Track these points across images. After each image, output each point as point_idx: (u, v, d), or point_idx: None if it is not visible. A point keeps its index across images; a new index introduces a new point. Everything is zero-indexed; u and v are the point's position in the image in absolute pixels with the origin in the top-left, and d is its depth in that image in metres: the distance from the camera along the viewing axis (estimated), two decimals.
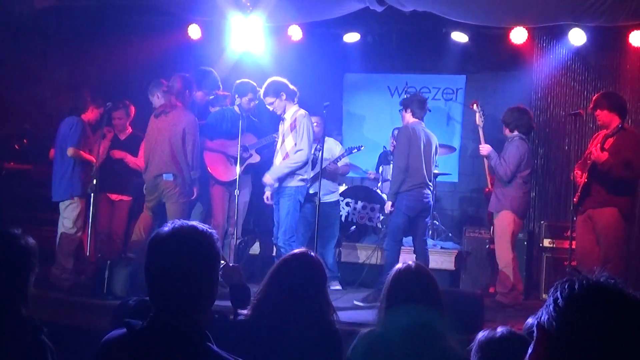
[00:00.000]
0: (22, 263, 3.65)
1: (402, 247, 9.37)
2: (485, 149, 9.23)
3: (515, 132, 9.04)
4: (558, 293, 1.99)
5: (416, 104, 9.32)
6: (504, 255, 8.95)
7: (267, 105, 9.11)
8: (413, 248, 9.34)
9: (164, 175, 9.05)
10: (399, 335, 4.00)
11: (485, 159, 9.37)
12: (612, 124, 8.34)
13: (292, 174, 8.92)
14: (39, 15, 10.65)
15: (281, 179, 8.97)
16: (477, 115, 9.58)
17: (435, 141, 9.41)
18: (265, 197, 9.15)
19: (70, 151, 9.15)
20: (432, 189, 9.43)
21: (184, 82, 9.30)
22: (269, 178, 8.97)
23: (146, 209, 9.30)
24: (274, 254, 9.42)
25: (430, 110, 10.93)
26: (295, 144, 8.91)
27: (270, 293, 4.17)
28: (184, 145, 9.03)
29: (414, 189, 9.02)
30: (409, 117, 9.28)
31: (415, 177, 9.04)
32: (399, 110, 9.45)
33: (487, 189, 9.53)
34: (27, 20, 10.72)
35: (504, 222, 8.96)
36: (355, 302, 8.97)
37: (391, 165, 9.92)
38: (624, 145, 8.18)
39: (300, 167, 8.95)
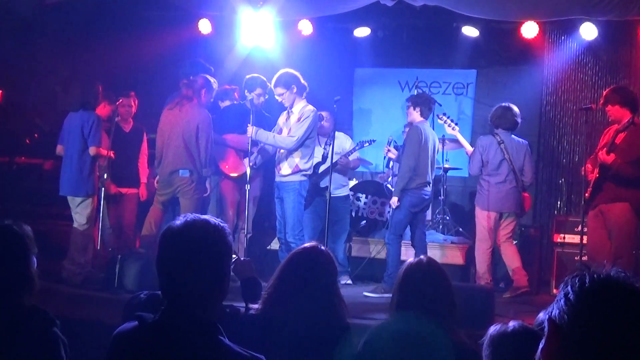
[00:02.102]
0: (18, 249, 3.65)
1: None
2: (469, 152, 9.64)
3: (499, 129, 9.36)
4: (569, 287, 1.96)
5: (425, 103, 9.50)
6: (476, 245, 9.49)
7: (276, 96, 9.07)
8: (410, 241, 9.49)
9: (180, 171, 9.00)
10: (410, 329, 3.99)
11: None
12: (623, 118, 8.31)
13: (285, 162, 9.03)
14: (48, 10, 10.66)
15: (263, 150, 9.47)
16: (446, 126, 9.86)
17: (437, 140, 9.67)
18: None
19: (93, 150, 9.04)
20: (431, 186, 9.63)
21: (205, 82, 9.28)
22: (252, 130, 8.99)
23: (157, 203, 9.23)
24: (277, 247, 9.46)
25: (440, 105, 10.99)
26: (300, 139, 8.95)
27: (281, 287, 4.15)
28: (197, 141, 9.01)
29: (420, 187, 9.28)
30: (416, 116, 9.42)
31: (422, 177, 9.29)
32: (407, 106, 9.54)
33: None
34: (36, 15, 10.73)
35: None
36: (365, 293, 9.02)
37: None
38: (636, 141, 8.17)
39: (290, 150, 8.97)
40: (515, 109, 9.44)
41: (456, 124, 9.88)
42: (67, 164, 9.23)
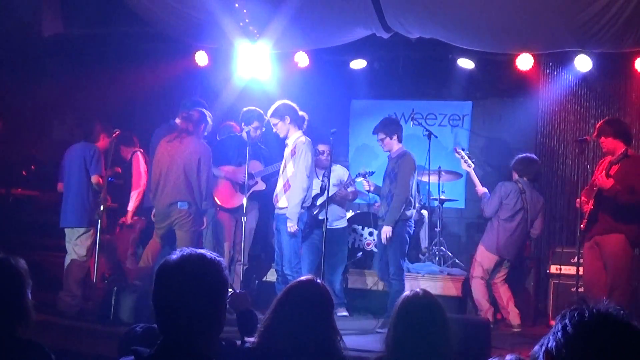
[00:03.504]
0: (13, 282, 3.62)
1: (409, 274, 9.88)
2: (480, 191, 9.66)
3: (525, 179, 9.41)
4: (567, 320, 2.02)
5: (399, 127, 9.46)
6: (471, 283, 9.52)
7: (272, 125, 9.12)
8: (382, 274, 9.45)
9: (179, 203, 8.92)
10: None
11: None
12: (617, 150, 8.30)
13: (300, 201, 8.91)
14: (46, 42, 10.66)
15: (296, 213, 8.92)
16: (462, 162, 9.85)
17: None
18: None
19: (95, 179, 9.10)
20: None
21: (202, 115, 9.27)
22: (293, 227, 8.81)
23: (155, 236, 9.18)
24: (273, 279, 9.42)
25: (437, 137, 10.97)
26: (293, 172, 8.92)
27: (277, 320, 4.13)
28: (198, 174, 8.97)
29: (412, 214, 9.24)
30: (395, 144, 9.36)
31: (413, 203, 9.27)
32: (380, 139, 9.40)
33: None
34: (34, 47, 10.75)
35: (477, 252, 9.60)
36: (378, 330, 8.83)
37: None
38: (629, 172, 8.13)
39: (306, 193, 8.93)
40: (538, 161, 9.66)
41: (473, 162, 9.89)
42: (69, 195, 9.24)
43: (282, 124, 9.00)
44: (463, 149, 10.13)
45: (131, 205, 10.17)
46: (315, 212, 9.47)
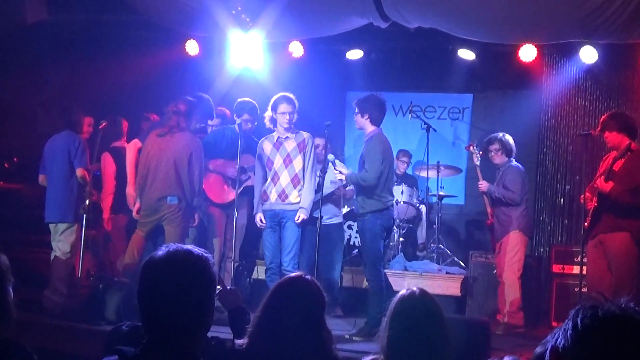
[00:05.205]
0: None
1: (406, 272, 9.77)
2: (484, 185, 9.48)
3: (512, 157, 9.43)
4: (579, 318, 1.93)
5: (376, 107, 8.71)
6: (511, 275, 9.14)
7: (280, 114, 8.69)
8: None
9: (169, 197, 8.80)
10: None
11: (484, 195, 9.56)
12: (621, 145, 8.20)
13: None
14: (31, 30, 10.55)
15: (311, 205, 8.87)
16: (475, 156, 9.78)
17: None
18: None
19: (80, 172, 8.99)
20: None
21: (190, 106, 9.04)
22: (304, 216, 8.67)
23: (140, 231, 9.00)
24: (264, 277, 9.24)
25: (435, 130, 10.76)
26: (304, 167, 8.76)
27: (266, 320, 4.04)
28: (189, 169, 8.84)
29: (389, 206, 8.65)
30: (368, 125, 8.67)
31: (390, 194, 8.73)
32: (354, 114, 8.84)
33: (488, 222, 9.69)
34: (18, 35, 10.66)
35: (514, 242, 9.20)
36: (348, 336, 8.49)
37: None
38: (634, 168, 8.02)
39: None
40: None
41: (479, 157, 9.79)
42: (53, 189, 9.14)
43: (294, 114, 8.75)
44: (475, 145, 10.02)
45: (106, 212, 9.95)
46: None
